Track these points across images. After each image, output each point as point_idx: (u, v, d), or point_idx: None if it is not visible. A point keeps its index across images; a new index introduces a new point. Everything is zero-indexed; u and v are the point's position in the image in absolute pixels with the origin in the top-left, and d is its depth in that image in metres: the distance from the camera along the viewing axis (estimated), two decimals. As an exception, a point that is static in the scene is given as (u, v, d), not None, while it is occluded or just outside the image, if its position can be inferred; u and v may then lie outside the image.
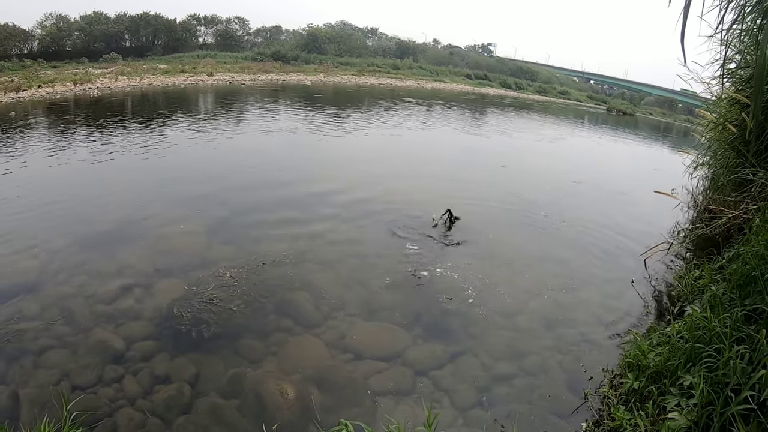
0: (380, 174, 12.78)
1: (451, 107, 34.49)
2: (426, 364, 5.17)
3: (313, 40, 62.28)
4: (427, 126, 24.09)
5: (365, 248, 7.78)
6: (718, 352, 3.68)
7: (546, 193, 12.61)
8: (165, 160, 12.67)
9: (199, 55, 53.58)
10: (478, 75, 66.79)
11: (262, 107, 25.84)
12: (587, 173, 16.15)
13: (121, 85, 30.51)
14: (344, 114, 24.60)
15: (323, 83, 42.50)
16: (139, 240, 7.58)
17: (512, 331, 5.96)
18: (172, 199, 9.48)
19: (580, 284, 7.38)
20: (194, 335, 5.28)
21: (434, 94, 43.79)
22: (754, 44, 6.32)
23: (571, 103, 61.58)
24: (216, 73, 39.93)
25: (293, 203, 9.55)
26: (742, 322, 3.87)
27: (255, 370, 4.85)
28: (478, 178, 13.54)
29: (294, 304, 6.04)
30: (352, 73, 51.86)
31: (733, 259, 5.38)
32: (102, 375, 4.63)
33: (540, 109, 44.49)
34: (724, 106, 8.69)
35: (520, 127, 29.07)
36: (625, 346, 5.19)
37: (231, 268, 6.66)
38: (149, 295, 6.02)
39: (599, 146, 26.51)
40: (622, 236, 9.65)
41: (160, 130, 16.74)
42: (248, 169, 12.17)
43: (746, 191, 6.77)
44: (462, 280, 6.92)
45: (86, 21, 54.00)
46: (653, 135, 38.86)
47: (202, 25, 64.78)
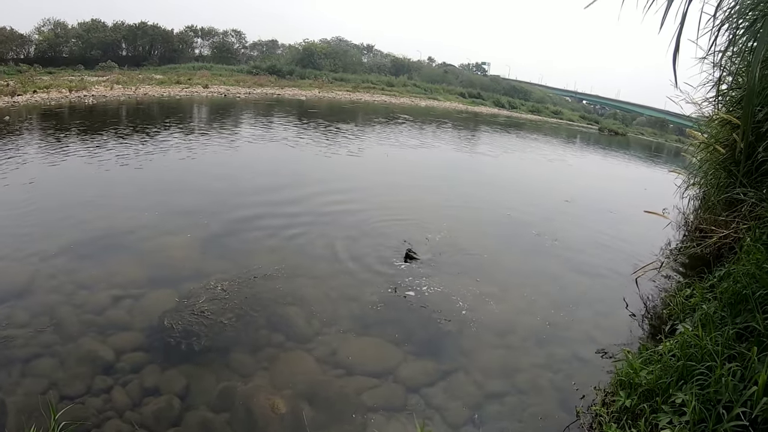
0: (374, 190, 12.83)
1: (445, 125, 34.66)
2: (418, 381, 5.15)
3: (309, 55, 62.69)
4: (420, 143, 24.16)
5: (358, 264, 7.75)
6: (709, 370, 3.71)
7: (538, 211, 12.67)
8: (158, 171, 12.64)
9: (195, 67, 53.83)
10: (471, 93, 67.20)
11: (256, 121, 25.90)
12: (579, 192, 16.24)
13: (116, 93, 30.45)
14: (339, 129, 24.65)
15: (318, 98, 42.61)
16: (130, 250, 7.54)
17: (504, 349, 5.96)
18: (165, 209, 9.44)
19: (571, 303, 7.38)
20: (185, 348, 5.24)
21: (428, 112, 44.03)
22: (746, 66, 6.41)
23: (564, 123, 62.02)
24: (211, 85, 40.07)
25: (286, 217, 9.53)
26: (733, 340, 3.91)
27: (246, 385, 4.81)
28: (470, 196, 13.60)
29: (285, 318, 6.01)
30: (347, 89, 52.12)
31: (723, 278, 5.43)
32: (91, 385, 4.58)
33: (533, 128, 44.77)
34: (715, 127, 8.79)
35: (513, 145, 29.23)
36: (617, 364, 5.18)
37: (223, 280, 6.63)
38: (140, 306, 5.98)
39: (591, 166, 26.70)
40: (614, 255, 9.69)
41: (155, 140, 16.70)
42: (242, 182, 12.17)
43: (737, 211, 6.84)
44: (454, 298, 6.91)
45: (84, 28, 54.33)
46: (644, 155, 39.16)
47: (198, 37, 65.22)
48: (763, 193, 6.30)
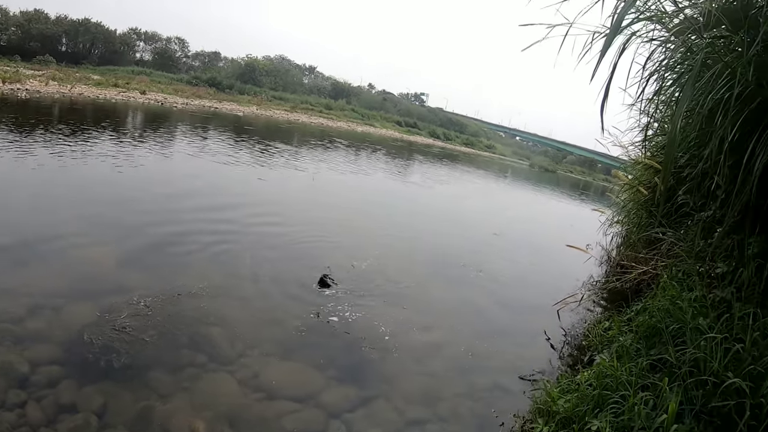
0: (305, 213, 12.79)
1: (380, 152, 34.93)
2: (339, 407, 5.10)
3: (251, 70, 62.46)
4: (354, 168, 24.31)
5: (283, 287, 7.65)
6: (623, 399, 3.87)
7: (466, 243, 12.91)
8: (87, 178, 12.21)
9: (134, 71, 52.87)
10: (408, 122, 68.23)
11: (192, 134, 25.45)
12: (507, 226, 16.63)
13: (51, 90, 29.46)
14: (273, 149, 24.50)
15: (255, 116, 42.41)
16: (52, 259, 7.21)
17: (426, 376, 5.98)
18: (90, 219, 9.10)
19: (494, 333, 7.52)
20: (104, 364, 5.04)
21: (364, 138, 44.41)
22: (670, 115, 6.77)
23: (497, 157, 63.58)
24: (149, 91, 39.34)
25: (214, 235, 9.35)
26: (647, 371, 4.09)
27: (165, 405, 4.66)
28: (400, 224, 13.76)
29: (208, 338, 5.86)
30: (285, 108, 52.09)
31: (640, 312, 5.67)
32: (4, 399, 4.34)
33: (466, 160, 45.75)
34: (640, 170, 9.21)
35: (446, 176, 29.72)
36: (536, 393, 5.29)
37: (146, 296, 6.43)
38: (59, 318, 5.71)
39: (521, 200, 27.38)
40: (537, 288, 9.96)
41: (85, 144, 16.13)
42: (171, 196, 11.89)
43: (656, 248, 7.15)
44: (378, 326, 6.90)
45: (26, 17, 52.60)
46: (572, 192, 40.39)
47: (141, 41, 64.24)
48: (681, 233, 6.62)
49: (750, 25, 3.85)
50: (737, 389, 3.49)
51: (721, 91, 4.11)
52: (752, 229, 4.34)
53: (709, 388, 3.69)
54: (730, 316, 4.18)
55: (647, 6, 5.06)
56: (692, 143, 5.81)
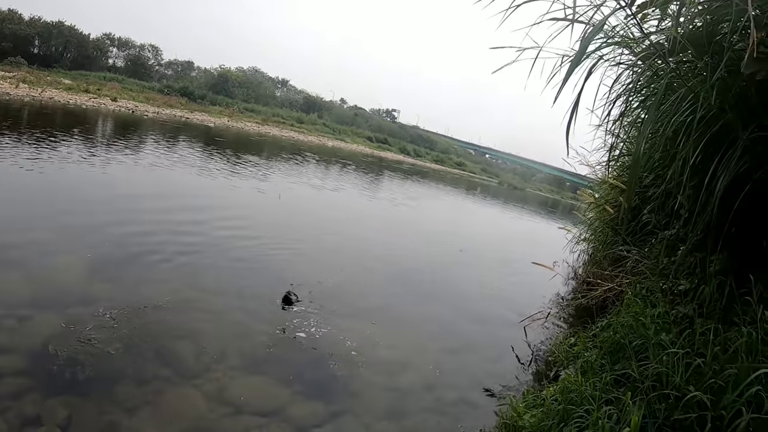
0: (274, 228, 12.79)
1: (350, 167, 34.96)
2: (306, 422, 5.08)
3: (224, 81, 62.12)
4: (323, 183, 24.31)
5: (250, 301, 7.60)
6: (588, 413, 3.92)
7: (432, 260, 12.97)
8: (53, 184, 11.99)
9: (106, 77, 52.00)
10: (379, 138, 68.44)
11: (162, 143, 25.15)
12: (474, 243, 16.79)
13: (20, 93, 29.03)
14: (243, 161, 24.39)
15: (226, 127, 42.14)
16: (16, 267, 7.04)
17: (393, 391, 5.99)
18: (56, 227, 8.92)
19: (461, 348, 7.58)
20: (68, 376, 4.96)
21: (334, 152, 44.42)
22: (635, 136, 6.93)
23: (466, 174, 63.98)
24: (120, 99, 38.89)
25: (181, 246, 9.24)
26: (611, 386, 4.17)
27: (130, 419, 4.59)
28: (368, 241, 13.80)
29: (174, 352, 5.79)
30: (256, 120, 51.88)
31: (605, 328, 5.77)
32: (-34, 410, 4.27)
33: (435, 177, 46.02)
34: (606, 189, 9.38)
35: (414, 193, 29.82)
36: (502, 408, 5.35)
37: (112, 308, 6.33)
38: (23, 328, 5.59)
39: (488, 217, 27.60)
40: (504, 304, 10.04)
41: (53, 150, 15.83)
42: (139, 205, 11.71)
43: (621, 266, 7.28)
44: (345, 341, 6.89)
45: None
46: (540, 210, 40.87)
47: (114, 47, 63.36)
48: (645, 251, 6.76)
49: (714, 50, 3.97)
50: (699, 402, 3.58)
51: (684, 114, 4.24)
52: (714, 247, 4.46)
53: (671, 402, 3.77)
54: (692, 332, 4.28)
55: (615, 31, 5.19)
56: (657, 164, 5.94)
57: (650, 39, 4.84)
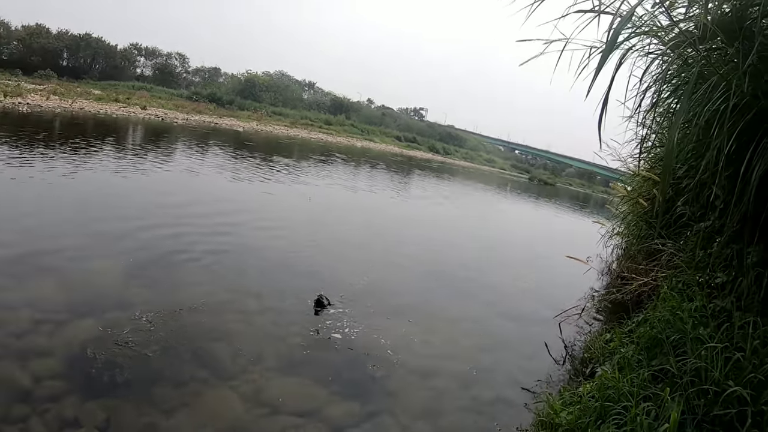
0: (307, 228, 12.83)
1: (379, 167, 34.96)
2: (343, 422, 5.10)
3: (251, 86, 62.57)
4: (353, 183, 24.36)
5: (286, 302, 7.65)
6: (626, 410, 3.87)
7: (466, 257, 12.90)
8: (87, 192, 12.23)
9: (135, 86, 53.06)
10: (407, 137, 68.33)
11: (192, 148, 25.57)
12: (507, 239, 16.67)
13: (52, 104, 29.59)
14: (274, 164, 24.57)
15: (255, 131, 42.45)
16: (53, 272, 7.20)
17: (429, 390, 5.97)
18: (91, 235, 9.08)
19: (496, 345, 7.53)
20: (107, 379, 5.05)
21: (364, 153, 44.47)
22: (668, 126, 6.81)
23: (496, 171, 63.59)
24: (149, 107, 39.47)
25: (215, 250, 9.36)
26: (648, 382, 4.10)
27: (168, 420, 4.66)
28: (401, 240, 13.79)
29: (211, 353, 5.87)
30: (284, 123, 52.17)
31: (641, 324, 5.67)
32: (7, 413, 4.33)
33: (465, 175, 45.79)
34: (638, 182, 9.23)
35: (445, 191, 29.69)
36: (539, 405, 5.30)
37: (148, 311, 6.43)
38: (61, 333, 5.71)
39: (520, 213, 27.36)
40: (538, 300, 9.95)
41: (86, 158, 16.23)
42: (173, 211, 11.83)
43: (656, 260, 7.16)
44: (379, 341, 6.90)
45: (27, 32, 53.00)
46: (572, 205, 40.42)
47: (142, 56, 64.51)
48: (680, 244, 6.64)
49: (745, 36, 3.89)
50: (738, 397, 3.51)
51: (717, 102, 4.16)
52: (751, 238, 4.37)
53: (710, 397, 3.71)
54: (731, 326, 4.20)
55: (643, 21, 5.11)
56: (690, 154, 5.84)
57: (679, 27, 4.77)
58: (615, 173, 13.52)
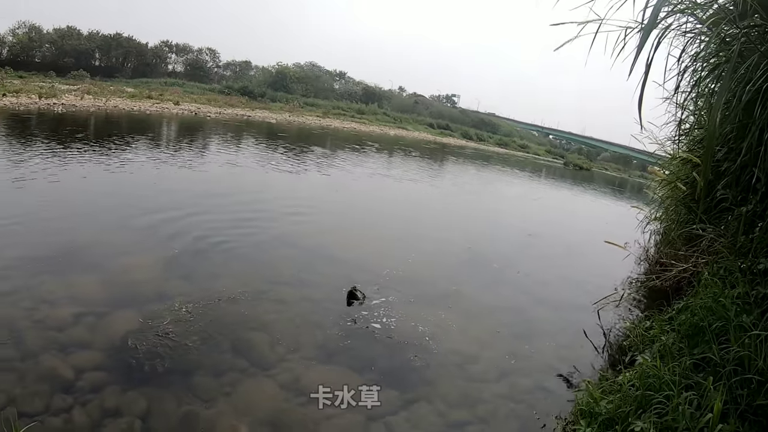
0: (343, 218, 12.94)
1: (413, 155, 34.84)
2: (380, 410, 5.10)
3: (282, 78, 62.66)
4: (386, 172, 24.32)
5: (321, 293, 7.70)
6: (667, 399, 3.81)
7: (501, 245, 12.83)
8: (124, 187, 12.51)
9: (167, 83, 53.59)
10: (440, 125, 67.87)
11: (226, 141, 25.85)
12: (543, 226, 16.48)
13: (86, 104, 30.07)
14: (307, 154, 24.70)
15: (288, 122, 42.60)
16: (93, 267, 7.38)
17: (466, 379, 5.97)
18: (129, 229, 9.27)
19: (533, 333, 7.46)
20: (147, 369, 5.15)
21: (397, 141, 44.31)
22: (707, 108, 6.64)
23: (530, 157, 62.81)
24: (182, 102, 39.71)
25: (251, 240, 9.50)
26: (690, 370, 4.02)
27: (208, 409, 4.74)
28: (434, 229, 13.76)
29: (249, 343, 5.95)
30: (317, 114, 52.18)
31: (682, 311, 5.54)
32: (50, 404, 4.45)
33: (499, 161, 45.36)
34: (677, 165, 9.02)
35: (478, 178, 29.52)
36: (578, 394, 5.24)
37: (187, 303, 6.54)
38: (102, 325, 5.85)
39: (556, 199, 27.08)
40: (575, 287, 9.85)
41: (121, 155, 16.52)
42: (209, 203, 12.04)
43: (696, 245, 6.99)
44: (417, 329, 6.90)
45: (59, 34, 53.88)
46: (608, 190, 39.84)
47: (173, 53, 65.07)
48: (721, 229, 6.48)
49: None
50: (784, 388, 3.43)
51: (758, 81, 4.04)
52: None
53: (754, 387, 3.62)
54: (775, 313, 4.10)
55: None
56: (730, 136, 5.70)
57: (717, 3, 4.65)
58: (652, 157, 13.23)
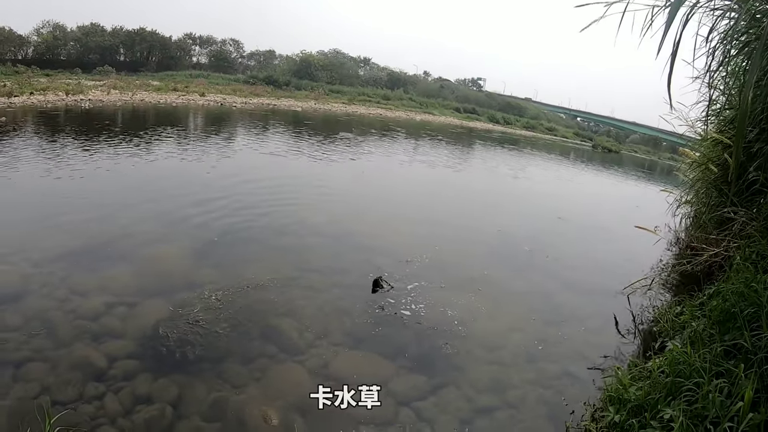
0: (370, 205, 12.95)
1: (439, 140, 34.65)
2: (409, 395, 5.15)
3: (306, 66, 62.50)
4: (412, 158, 24.27)
5: (350, 280, 7.74)
6: (697, 386, 3.76)
7: (530, 229, 12.70)
8: (151, 180, 12.65)
9: (192, 75, 53.75)
10: (466, 108, 67.31)
11: (252, 131, 25.96)
12: (572, 209, 16.30)
13: (112, 99, 30.39)
14: (334, 141, 24.70)
15: (313, 110, 42.59)
16: (124, 257, 7.52)
17: (495, 364, 5.97)
18: (158, 219, 9.41)
19: (562, 319, 7.43)
20: (178, 356, 5.24)
21: (423, 126, 44.11)
22: (738, 86, 6.49)
23: (558, 140, 62.10)
24: (208, 93, 39.89)
25: (278, 230, 9.57)
26: (721, 357, 3.96)
27: (238, 395, 4.82)
28: (463, 213, 13.71)
29: (278, 330, 6.01)
30: (342, 101, 52.02)
31: (713, 296, 5.45)
32: (83, 392, 4.57)
33: (527, 144, 44.90)
34: (708, 146, 8.84)
35: (506, 161, 29.28)
36: (607, 380, 5.20)
37: (217, 290, 6.63)
38: (133, 314, 5.97)
39: (584, 182, 26.77)
40: (605, 271, 9.75)
41: (149, 147, 16.75)
42: (237, 192, 12.10)
43: (727, 229, 6.86)
44: (445, 315, 6.90)
45: (83, 31, 54.38)
46: (637, 172, 39.29)
47: (196, 45, 65.27)
48: (753, 212, 6.36)
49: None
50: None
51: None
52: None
53: (786, 375, 3.57)
54: (809, 299, 4.02)
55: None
56: (762, 116, 5.58)
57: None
58: (681, 138, 12.99)
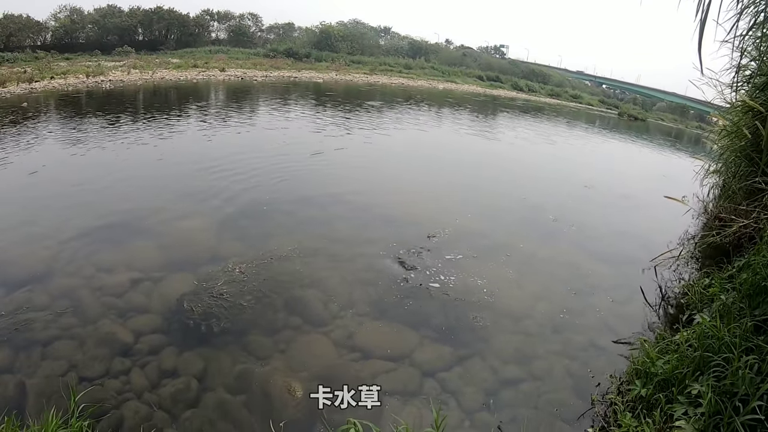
0: (393, 176, 12.88)
1: (463, 109, 34.32)
2: (434, 366, 5.17)
3: (326, 37, 62.02)
4: (437, 128, 24.05)
5: (375, 249, 7.74)
6: (726, 362, 3.69)
7: (556, 197, 12.56)
8: (174, 155, 12.78)
9: (211, 51, 53.60)
10: (489, 77, 66.47)
11: (274, 104, 25.92)
12: (598, 178, 16.07)
13: (133, 78, 30.56)
14: (355, 112, 24.56)
15: (335, 81, 42.37)
16: (148, 233, 7.61)
17: (520, 335, 5.96)
18: (181, 193, 9.52)
19: (588, 289, 7.37)
20: (203, 330, 5.30)
21: (446, 95, 43.69)
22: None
23: (583, 107, 61.14)
24: (228, 68, 39.95)
25: (302, 201, 9.60)
26: (751, 332, 3.87)
27: (263, 367, 4.87)
28: (490, 182, 13.62)
29: (303, 301, 6.06)
30: (364, 71, 51.67)
31: (743, 269, 5.35)
32: (109, 367, 4.66)
33: (552, 112, 44.29)
34: (738, 114, 8.60)
35: (530, 130, 28.91)
36: (633, 352, 5.17)
37: (240, 263, 6.68)
38: (159, 289, 6.05)
39: (611, 151, 26.39)
40: (632, 242, 9.63)
41: (171, 124, 16.84)
42: (257, 164, 12.10)
43: (758, 200, 6.71)
44: (470, 284, 6.90)
45: (100, 14, 54.30)
46: (664, 141, 38.64)
47: (215, 21, 64.81)
48: (785, 182, 6.20)
49: None
50: None
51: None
52: None
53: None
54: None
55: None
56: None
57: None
58: (709, 107, 12.65)
